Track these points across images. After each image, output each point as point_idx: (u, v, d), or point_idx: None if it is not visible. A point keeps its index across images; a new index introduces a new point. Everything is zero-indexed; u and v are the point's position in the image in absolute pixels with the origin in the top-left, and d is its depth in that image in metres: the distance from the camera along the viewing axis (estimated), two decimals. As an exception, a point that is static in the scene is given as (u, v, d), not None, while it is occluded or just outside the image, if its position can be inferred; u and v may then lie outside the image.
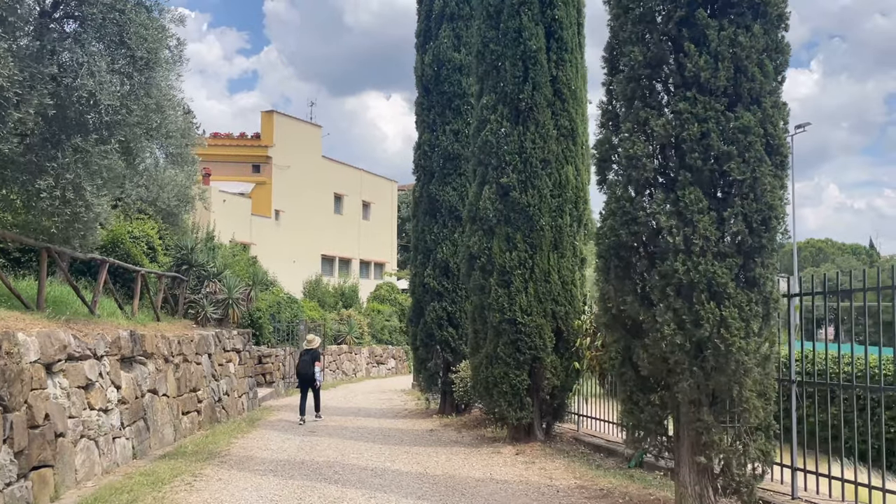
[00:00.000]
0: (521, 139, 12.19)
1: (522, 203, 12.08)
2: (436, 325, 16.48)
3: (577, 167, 12.49)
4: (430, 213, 16.88)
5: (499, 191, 12.37)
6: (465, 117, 16.69)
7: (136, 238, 18.42)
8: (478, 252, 12.51)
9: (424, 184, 16.98)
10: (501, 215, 12.30)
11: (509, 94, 12.32)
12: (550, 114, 12.29)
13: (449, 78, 16.72)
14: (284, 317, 25.79)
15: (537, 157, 12.11)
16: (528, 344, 11.92)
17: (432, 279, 16.52)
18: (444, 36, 16.77)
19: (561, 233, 12.27)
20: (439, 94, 16.86)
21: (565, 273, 12.29)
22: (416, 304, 17.20)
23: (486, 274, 12.43)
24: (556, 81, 12.35)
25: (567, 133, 12.42)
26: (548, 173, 12.18)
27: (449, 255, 16.43)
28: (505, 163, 12.30)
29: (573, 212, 12.41)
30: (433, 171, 16.82)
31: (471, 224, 12.81)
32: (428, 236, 16.75)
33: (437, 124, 16.82)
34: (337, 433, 14.53)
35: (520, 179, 12.14)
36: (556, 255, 12.24)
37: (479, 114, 12.75)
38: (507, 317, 11.99)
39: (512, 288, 12.04)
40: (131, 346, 11.38)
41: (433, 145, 16.81)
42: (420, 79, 17.19)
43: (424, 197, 16.93)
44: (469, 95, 16.69)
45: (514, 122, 12.34)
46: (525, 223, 12.14)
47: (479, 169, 12.79)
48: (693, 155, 6.87)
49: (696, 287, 6.77)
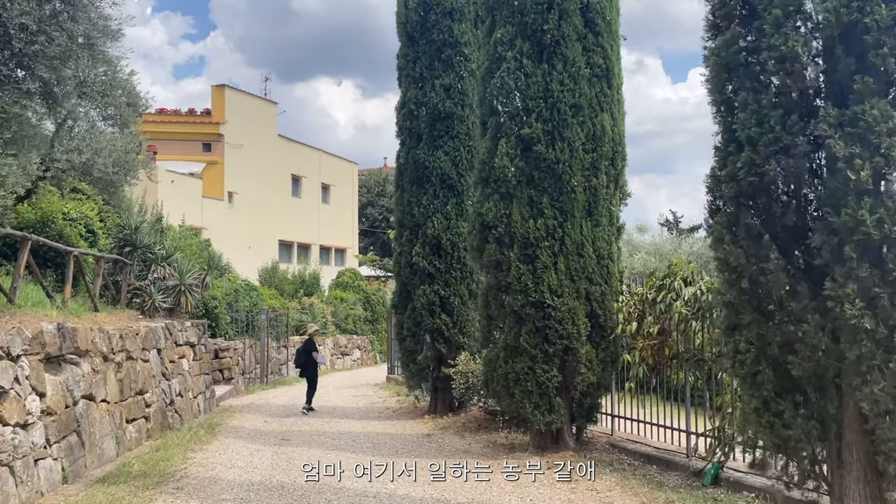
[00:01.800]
0: (546, 80, 9.81)
1: (549, 159, 9.71)
2: (426, 312, 14.05)
3: (612, 115, 10.18)
4: (417, 182, 14.40)
5: (518, 145, 9.98)
6: (458, 70, 14.26)
7: (72, 220, 15.57)
8: (493, 221, 10.09)
9: (410, 148, 14.49)
10: (523, 175, 9.91)
11: (530, 26, 9.92)
12: (581, 49, 9.93)
13: (438, 24, 14.23)
14: (243, 306, 23.03)
15: (567, 103, 9.75)
16: (558, 332, 9.58)
17: (422, 258, 14.07)
18: (432, -24, 14.27)
19: (596, 195, 9.95)
20: (427, 44, 14.36)
21: (601, 245, 9.98)
22: (401, 287, 14.73)
23: (504, 247, 10.04)
24: (588, 10, 10.00)
25: (601, 73, 10.09)
26: (579, 122, 9.83)
27: (441, 230, 14.01)
28: (526, 110, 9.91)
29: (609, 170, 10.11)
30: (421, 133, 14.35)
31: (483, 187, 10.38)
32: (416, 209, 14.28)
33: (426, 78, 14.34)
34: (315, 441, 12.02)
35: (546, 130, 9.76)
36: (589, 224, 9.92)
37: (492, 51, 10.31)
38: (532, 299, 9.63)
39: (537, 263, 9.68)
40: (59, 342, 8.77)
41: (420, 103, 14.33)
42: (403, 26, 14.67)
43: (410, 163, 14.44)
44: (462, 45, 14.27)
45: (538, 59, 9.95)
46: (553, 184, 9.78)
47: (493, 119, 10.37)
48: (879, 51, 4.61)
49: (894, 247, 4.53)
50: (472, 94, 14.31)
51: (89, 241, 15.93)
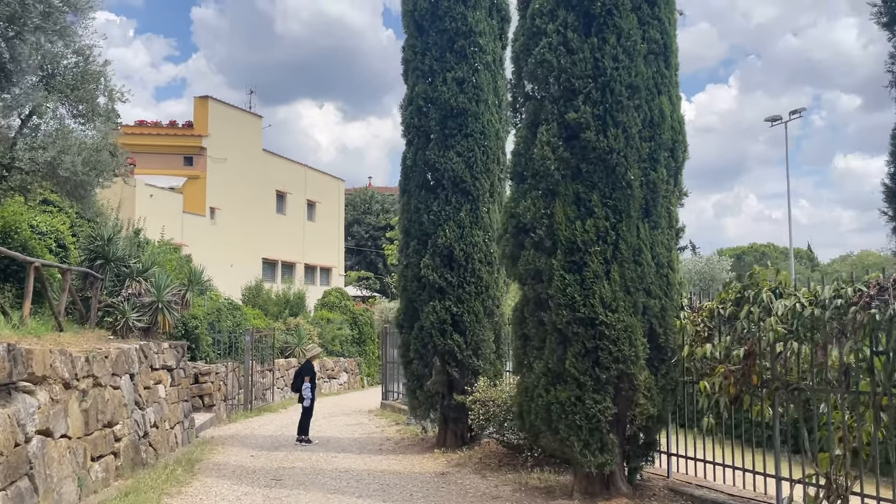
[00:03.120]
0: (595, 57, 8.18)
1: (601, 148, 8.05)
2: (437, 331, 12.26)
3: (671, 99, 8.57)
4: (426, 187, 12.70)
5: (562, 132, 8.31)
6: (472, 62, 12.62)
7: (41, 234, 13.72)
8: (531, 222, 8.39)
9: (419, 149, 12.79)
10: (567, 167, 8.23)
11: (576, -7, 8.31)
12: (636, 21, 8.34)
13: (450, 12, 12.61)
14: (226, 326, 21.07)
15: (621, 82, 8.12)
16: (612, 354, 7.86)
17: (432, 271, 12.32)
18: (443, -41, 12.68)
19: (655, 192, 8.30)
20: (438, 33, 12.73)
21: (660, 251, 8.31)
22: (407, 304, 12.94)
23: (545, 253, 8.33)
24: (644, -22, 8.42)
25: (658, 50, 8.49)
26: (636, 105, 8.20)
27: (454, 239, 12.27)
28: (571, 91, 8.25)
29: (669, 162, 8.47)
30: (430, 131, 12.66)
31: (518, 182, 8.69)
32: (425, 216, 12.55)
33: (436, 72, 12.68)
34: (312, 481, 10.15)
35: (596, 114, 8.11)
36: (647, 225, 8.26)
37: (528, 25, 8.68)
38: (581, 315, 7.91)
39: (586, 272, 7.97)
40: (9, 366, 6.93)
41: (430, 99, 12.65)
42: (410, 14, 13.03)
43: (419, 165, 12.74)
44: (476, 34, 12.65)
45: (585, 32, 8.32)
46: (604, 178, 8.11)
47: (530, 104, 8.72)
48: None
49: None
50: (487, 89, 12.70)
51: (60, 257, 14.07)
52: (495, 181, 12.81)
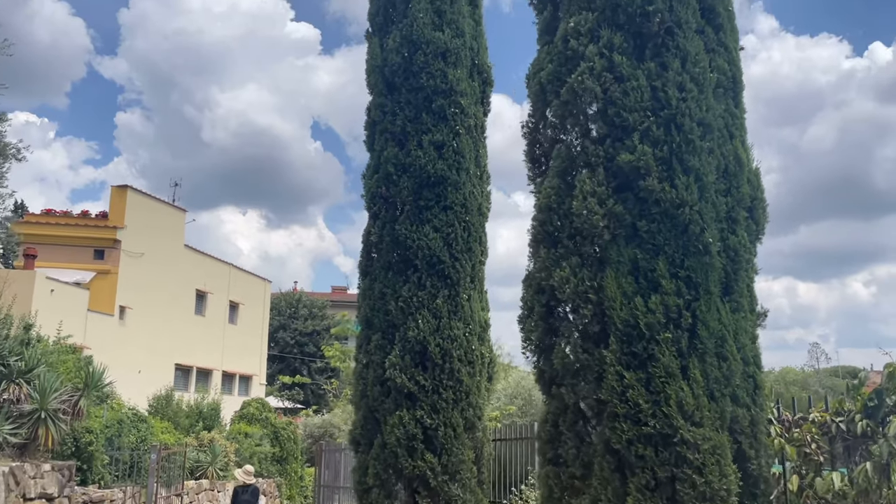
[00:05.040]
0: (654, 85, 6.17)
1: (667, 200, 5.90)
2: (404, 450, 9.48)
3: (744, 145, 6.60)
4: (395, 268, 10.25)
5: (610, 179, 6.15)
6: (453, 124, 10.56)
7: None
8: (571, 298, 6.04)
9: (386, 223, 10.42)
10: (621, 225, 6.02)
11: (624, 9, 6.38)
12: (702, 45, 6.44)
13: (428, 68, 10.63)
14: (128, 441, 17.38)
15: (691, 117, 6.09)
16: (697, 488, 5.37)
17: (400, 371, 9.67)
18: (420, 10, 10.83)
19: (735, 262, 6.14)
20: (412, 92, 10.68)
21: (744, 341, 6.06)
22: (366, 414, 10.14)
23: (591, 342, 5.95)
24: (706, -7, 6.61)
25: (727, 84, 6.58)
26: (709, 149, 6.16)
27: (428, 332, 9.75)
28: (623, 128, 6.17)
29: (750, 226, 6.38)
30: (401, 202, 10.36)
31: (549, 246, 6.38)
32: (392, 303, 10.03)
33: (410, 134, 10.53)
34: None
35: (659, 157, 6.01)
36: (727, 306, 6.05)
37: (560, 48, 6.65)
38: (650, 429, 5.47)
39: (655, 369, 5.61)
40: None
41: (402, 165, 10.42)
42: (379, 70, 10.99)
43: (386, 243, 10.33)
44: (457, 94, 10.66)
45: (638, 55, 6.34)
46: (674, 240, 5.91)
47: (562, 146, 6.56)
48: None
49: None
50: (469, 157, 10.61)
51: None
52: (476, 264, 10.53)
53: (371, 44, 11.43)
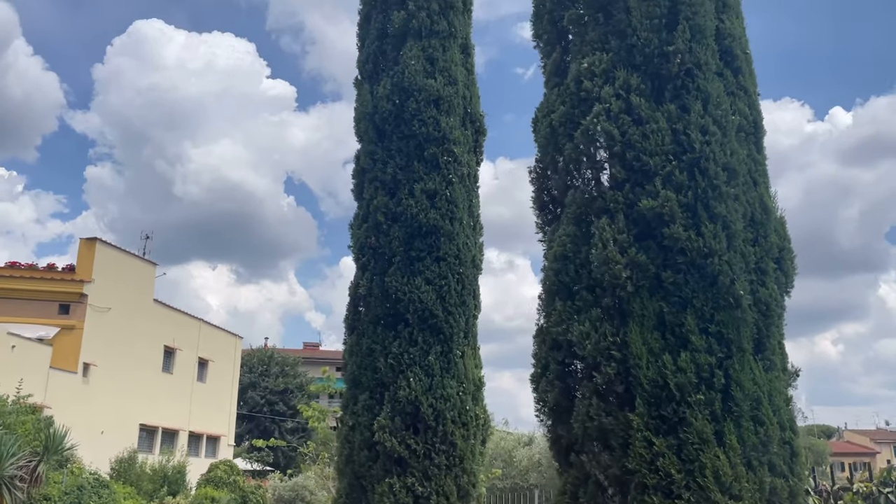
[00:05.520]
0: (675, 127, 5.81)
1: (694, 249, 5.47)
2: (393, 522, 8.74)
3: (769, 193, 6.23)
4: (384, 322, 9.66)
5: (631, 227, 5.71)
6: (446, 173, 10.16)
7: None
8: (592, 355, 5.52)
9: (375, 275, 9.87)
10: (644, 275, 5.55)
11: (641, 50, 6.07)
12: (723, 88, 6.12)
13: (420, 115, 10.28)
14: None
15: (716, 161, 5.72)
16: (738, 568, 4.82)
17: (389, 434, 8.99)
18: (411, 57, 10.53)
19: (767, 317, 5.68)
20: (403, 139, 10.29)
21: (778, 402, 5.56)
22: (352, 481, 9.38)
23: (615, 404, 5.41)
24: (723, 36, 6.32)
25: (749, 128, 6.24)
26: (734, 195, 5.77)
27: (420, 391, 9.12)
28: (644, 171, 5.78)
29: (779, 278, 5.95)
30: (392, 253, 9.83)
31: (565, 299, 5.88)
32: (381, 360, 9.41)
33: (401, 182, 10.09)
34: None
35: (684, 203, 5.60)
36: (759, 364, 5.56)
37: (572, 89, 6.30)
38: (684, 502, 4.92)
39: (687, 434, 5.08)
40: None
41: (392, 214, 9.95)
42: (369, 117, 10.62)
43: (376, 296, 9.76)
44: (451, 142, 10.30)
45: (657, 97, 6.00)
46: (702, 293, 5.46)
47: (576, 192, 6.13)
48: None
49: None
50: (462, 206, 10.18)
51: None
52: (470, 318, 9.99)
53: (360, 91, 11.09)
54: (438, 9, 10.87)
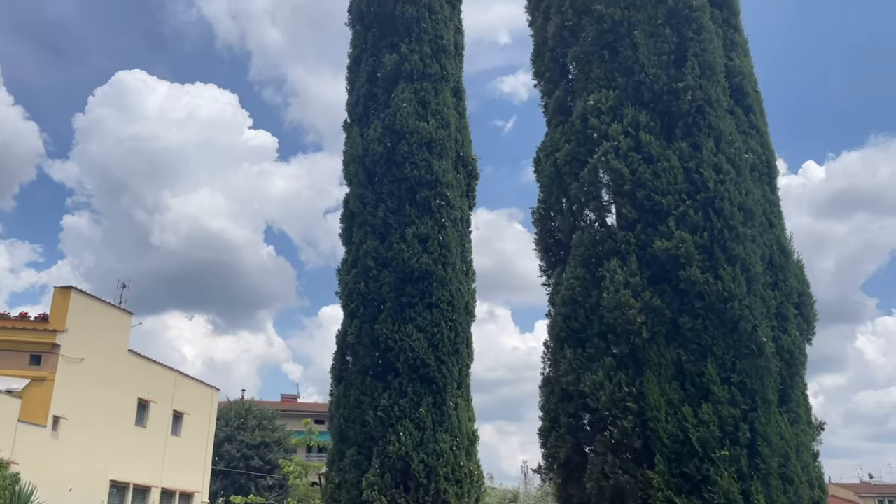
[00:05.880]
0: (687, 166, 5.55)
1: (713, 293, 5.14)
2: (382, 588, 8.12)
3: (784, 231, 5.95)
4: (373, 372, 9.18)
5: (644, 269, 5.38)
6: (438, 217, 9.84)
7: None
8: (606, 406, 5.11)
9: (365, 321, 9.43)
10: (660, 321, 5.20)
11: (649, 86, 5.84)
12: (735, 126, 5.88)
13: (412, 158, 10.00)
14: (51, 573, 15.28)
15: (731, 201, 5.44)
16: None
17: (378, 493, 8.43)
18: (403, 99, 10.31)
19: (791, 366, 5.33)
20: (395, 182, 9.98)
21: (806, 459, 5.17)
22: (337, 543, 8.79)
23: (632, 460, 4.98)
24: (732, 74, 6.12)
25: (762, 168, 6.00)
26: (751, 236, 5.47)
27: (411, 446, 8.60)
28: (657, 211, 5.48)
29: (801, 324, 5.62)
30: (382, 299, 9.41)
31: (575, 346, 5.49)
32: (370, 413, 8.90)
33: (392, 226, 9.75)
34: None
35: (699, 244, 5.30)
36: (785, 417, 5.18)
37: (578, 126, 6.04)
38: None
39: (712, 494, 4.65)
40: None
41: (383, 259, 9.57)
42: (359, 160, 10.32)
43: (365, 344, 9.31)
44: (443, 185, 10.01)
45: (666, 135, 5.75)
46: (723, 339, 5.11)
47: (584, 234, 5.80)
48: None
49: None
50: (455, 251, 9.84)
51: None
52: (464, 367, 9.55)
53: (350, 134, 10.81)
54: (431, 52, 10.71)
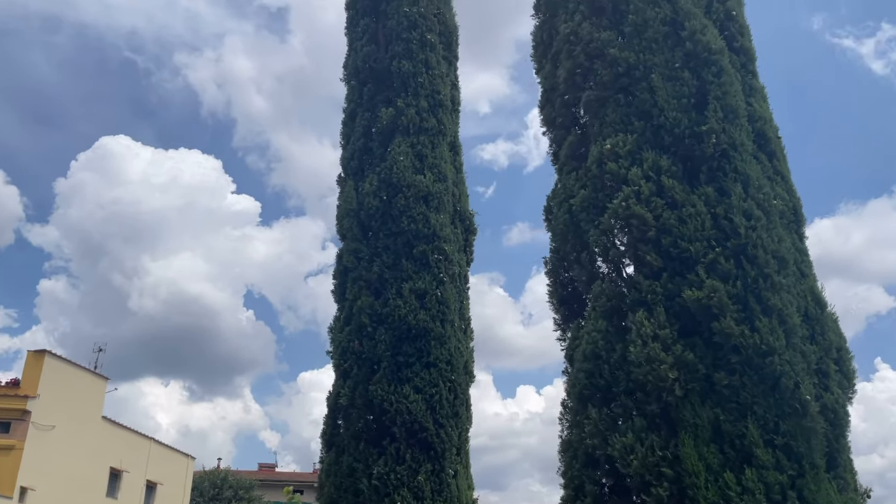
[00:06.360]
0: (713, 211, 5.21)
1: (750, 346, 4.73)
2: None
3: (816, 281, 5.58)
4: (367, 437, 8.58)
5: (673, 321, 4.98)
6: (436, 272, 9.43)
7: None
8: (639, 472, 4.61)
9: (359, 382, 8.87)
10: (694, 377, 4.77)
11: (670, 130, 5.56)
12: (761, 171, 5.59)
13: (409, 211, 9.65)
14: None
15: (764, 248, 5.08)
16: None
17: (373, 570, 7.75)
18: (399, 153, 10.03)
19: (836, 427, 4.87)
20: (391, 237, 9.60)
21: (858, 530, 4.69)
22: None
23: (668, 532, 4.46)
24: (754, 119, 5.86)
25: (790, 215, 5.68)
26: (786, 286, 5.10)
27: (409, 518, 7.96)
28: (685, 259, 5.11)
29: (842, 381, 5.19)
30: (378, 358, 8.89)
31: (601, 405, 5.01)
32: (364, 482, 8.26)
33: (388, 282, 9.31)
34: None
35: (733, 293, 4.91)
36: (833, 484, 4.70)
37: (595, 171, 5.72)
38: None
39: (762, 570, 4.14)
40: None
41: (379, 316, 9.09)
42: (354, 214, 9.95)
43: (358, 406, 8.73)
44: (441, 240, 9.64)
45: (690, 180, 5.44)
46: (763, 397, 4.67)
47: (605, 283, 5.41)
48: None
49: None
50: (453, 308, 9.40)
51: None
52: (463, 432, 8.98)
53: (344, 188, 10.48)
54: (428, 106, 10.51)
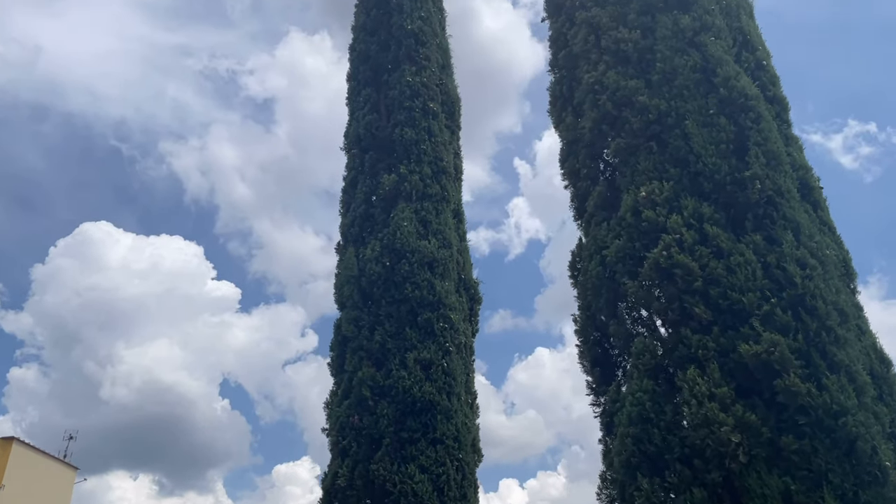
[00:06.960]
0: (764, 260, 4.80)
1: (818, 406, 4.20)
2: None
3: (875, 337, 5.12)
4: (368, 522, 7.80)
5: (728, 379, 4.46)
6: (442, 341, 8.86)
7: None
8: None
9: (358, 461, 8.13)
10: (758, 440, 4.20)
11: (708, 176, 5.22)
12: (808, 220, 5.22)
13: (413, 278, 9.16)
14: None
15: (824, 299, 4.64)
16: None
17: None
18: (403, 218, 9.64)
19: (918, 497, 4.33)
20: (393, 304, 9.07)
21: None
22: None
23: None
24: (795, 167, 5.55)
25: (841, 266, 5.27)
26: (850, 340, 4.63)
27: None
28: (735, 311, 4.65)
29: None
30: (380, 434, 8.18)
31: (652, 475, 4.42)
32: (364, 572, 7.43)
33: (391, 352, 8.71)
34: None
35: (794, 347, 4.43)
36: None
37: (630, 220, 5.31)
38: None
39: None
40: None
41: (381, 388, 8.45)
42: (355, 281, 9.44)
43: (358, 487, 7.96)
44: (447, 307, 9.12)
45: (734, 228, 5.05)
46: (838, 462, 4.09)
47: (646, 339, 4.92)
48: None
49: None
50: (460, 380, 8.79)
51: None
52: (473, 517, 8.21)
53: (343, 256, 10.01)
54: (431, 173, 10.22)
